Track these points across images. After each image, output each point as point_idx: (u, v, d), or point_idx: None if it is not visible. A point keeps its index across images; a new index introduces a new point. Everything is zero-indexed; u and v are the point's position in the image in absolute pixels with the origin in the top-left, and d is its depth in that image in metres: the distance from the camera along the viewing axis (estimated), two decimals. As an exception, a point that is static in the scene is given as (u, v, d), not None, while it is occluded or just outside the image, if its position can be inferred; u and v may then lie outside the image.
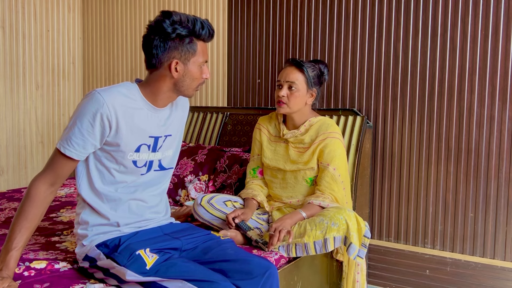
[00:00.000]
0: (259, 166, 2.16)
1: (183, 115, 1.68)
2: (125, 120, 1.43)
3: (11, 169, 3.17)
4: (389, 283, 2.49)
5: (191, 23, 1.44)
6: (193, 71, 1.49)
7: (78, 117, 1.40)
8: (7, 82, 3.12)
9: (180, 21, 1.43)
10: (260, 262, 1.46)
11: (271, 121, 2.15)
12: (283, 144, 2.07)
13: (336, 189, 1.95)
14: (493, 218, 2.24)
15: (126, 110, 1.44)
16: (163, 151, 1.57)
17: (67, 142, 1.40)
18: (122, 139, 1.44)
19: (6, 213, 2.25)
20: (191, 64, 1.48)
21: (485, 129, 2.23)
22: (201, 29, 1.46)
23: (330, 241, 1.78)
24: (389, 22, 2.42)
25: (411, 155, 2.41)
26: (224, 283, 1.30)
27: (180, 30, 1.42)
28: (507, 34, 2.16)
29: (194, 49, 1.46)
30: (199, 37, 1.47)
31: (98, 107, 1.38)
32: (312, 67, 2.01)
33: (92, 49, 3.57)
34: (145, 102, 1.49)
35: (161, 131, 1.55)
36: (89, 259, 1.46)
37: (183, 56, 1.46)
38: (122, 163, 1.47)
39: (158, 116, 1.53)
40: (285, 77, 1.99)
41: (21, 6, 3.18)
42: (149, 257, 1.38)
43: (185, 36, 1.44)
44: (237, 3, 2.89)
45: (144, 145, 1.50)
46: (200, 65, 1.49)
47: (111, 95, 1.41)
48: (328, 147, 1.96)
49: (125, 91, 1.46)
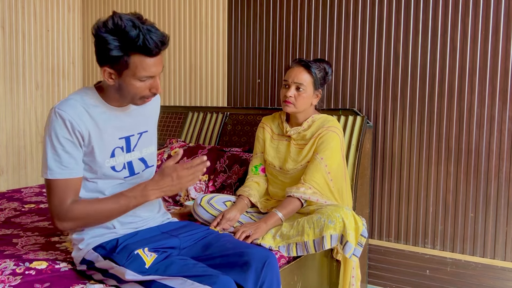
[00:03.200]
0: (262, 164, 2.17)
1: (153, 108, 1.60)
2: (91, 127, 1.40)
3: (11, 169, 3.17)
4: (389, 283, 2.49)
5: (126, 33, 1.27)
6: (129, 84, 1.35)
7: (53, 140, 1.35)
8: (7, 82, 3.12)
9: (114, 29, 1.28)
10: (258, 252, 1.46)
11: (274, 120, 2.18)
12: (285, 142, 2.09)
13: (317, 179, 1.93)
14: (493, 218, 2.24)
15: (89, 117, 1.40)
16: (141, 149, 1.53)
17: (58, 167, 1.36)
18: (95, 147, 1.41)
19: (6, 213, 2.25)
20: (125, 77, 1.34)
21: (485, 129, 2.23)
22: (139, 41, 1.27)
23: (327, 239, 1.77)
24: (389, 22, 2.42)
25: (411, 155, 2.41)
26: (223, 276, 1.29)
27: (108, 41, 1.28)
28: (507, 34, 2.16)
29: (126, 62, 1.31)
30: (135, 50, 1.29)
31: (66, 122, 1.35)
32: (319, 68, 2.03)
33: (92, 49, 3.55)
34: (104, 104, 1.44)
35: (131, 129, 1.50)
36: (86, 262, 1.45)
37: (115, 67, 1.33)
38: (101, 171, 1.43)
39: (122, 115, 1.48)
40: (293, 77, 2.00)
41: (21, 6, 3.18)
42: (148, 256, 1.38)
43: (111, 49, 1.28)
44: (237, 3, 2.89)
45: (118, 148, 1.46)
46: (139, 79, 1.34)
47: (71, 107, 1.37)
48: (322, 139, 1.98)
49: (80, 98, 1.40)
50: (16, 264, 1.49)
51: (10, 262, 1.50)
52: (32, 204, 2.47)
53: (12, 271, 1.44)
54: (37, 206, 2.42)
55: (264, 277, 1.42)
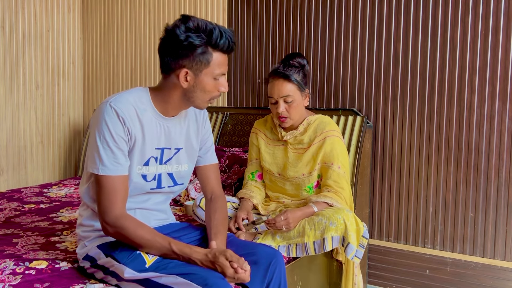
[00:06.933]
0: (258, 170, 2.14)
1: (198, 127, 1.61)
2: (138, 131, 1.40)
3: (11, 169, 3.17)
4: (389, 283, 2.49)
5: (208, 32, 1.34)
6: (205, 83, 1.40)
7: (106, 135, 1.34)
8: (7, 82, 3.12)
9: (196, 28, 1.34)
10: (266, 251, 1.47)
11: (267, 125, 2.13)
12: (282, 147, 2.06)
13: (345, 187, 1.94)
14: (493, 218, 2.24)
15: (138, 120, 1.40)
16: (172, 164, 1.52)
17: (111, 163, 1.34)
18: (135, 151, 1.40)
19: (6, 213, 2.25)
20: (203, 76, 1.38)
21: (485, 129, 2.23)
22: (218, 39, 1.35)
23: (328, 241, 1.77)
24: (389, 22, 2.42)
25: (411, 155, 2.41)
26: (213, 274, 1.29)
27: (193, 39, 1.33)
28: (507, 34, 2.16)
29: (207, 60, 1.37)
30: (216, 47, 1.37)
31: (120, 119, 1.35)
32: (295, 69, 1.95)
33: (92, 49, 3.57)
34: (153, 110, 1.44)
35: (169, 142, 1.49)
36: (89, 259, 1.46)
37: (195, 66, 1.37)
38: (131, 177, 1.41)
39: (165, 126, 1.47)
40: (277, 93, 1.93)
41: (21, 6, 3.18)
42: (149, 256, 1.38)
43: (198, 46, 1.34)
44: (237, 3, 2.89)
45: (152, 157, 1.46)
46: (214, 77, 1.40)
47: (125, 105, 1.37)
48: (329, 147, 1.96)
49: (133, 99, 1.40)
50: (16, 263, 1.49)
51: (10, 262, 1.50)
52: (32, 204, 2.47)
53: (12, 271, 1.44)
54: (37, 206, 2.42)
55: (271, 275, 1.42)
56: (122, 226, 1.34)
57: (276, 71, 1.95)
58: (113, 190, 1.35)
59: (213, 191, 1.66)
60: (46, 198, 2.62)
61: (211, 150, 1.68)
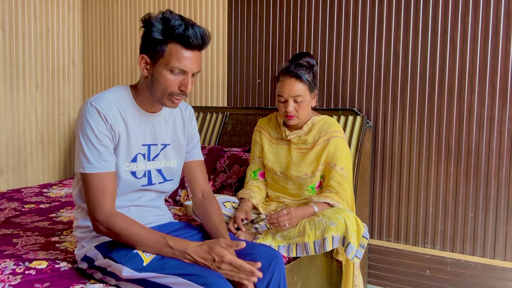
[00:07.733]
0: (260, 169, 2.14)
1: (184, 123, 1.61)
2: (121, 128, 1.41)
3: (11, 169, 3.17)
4: (389, 283, 2.49)
5: (169, 22, 1.34)
6: (159, 74, 1.37)
7: (89, 133, 1.35)
8: (7, 82, 3.12)
9: (165, 19, 1.35)
10: (266, 251, 1.47)
11: (271, 123, 2.13)
12: (285, 146, 2.05)
13: (347, 188, 1.94)
14: (493, 218, 2.24)
15: (121, 117, 1.41)
16: (160, 160, 1.53)
17: (97, 160, 1.35)
18: (120, 148, 1.41)
19: (6, 213, 2.25)
20: (159, 65, 1.37)
21: (485, 129, 2.23)
22: (177, 29, 1.34)
23: (328, 241, 1.77)
24: (389, 22, 2.42)
25: (411, 155, 2.41)
26: (213, 274, 1.28)
27: (156, 26, 1.35)
28: (507, 34, 2.16)
29: (162, 50, 1.35)
30: (173, 38, 1.35)
31: (102, 116, 1.36)
32: (306, 69, 1.95)
33: (92, 49, 3.57)
34: (135, 107, 1.45)
35: (155, 138, 1.50)
36: (87, 260, 1.46)
37: (151, 53, 1.37)
38: (119, 175, 1.42)
39: (150, 122, 1.48)
40: (288, 92, 1.92)
41: (21, 6, 3.18)
42: (147, 254, 1.38)
43: (154, 32, 1.35)
44: (237, 3, 2.89)
45: (140, 154, 1.47)
46: (170, 69, 1.37)
47: (106, 103, 1.38)
48: (332, 148, 1.96)
49: (114, 98, 1.41)
50: (16, 263, 1.49)
51: (10, 262, 1.50)
52: (32, 204, 2.47)
53: (12, 271, 1.44)
54: (37, 206, 2.42)
55: (271, 275, 1.43)
56: (114, 223, 1.34)
57: (288, 70, 1.95)
58: (101, 187, 1.35)
59: (203, 189, 1.66)
60: (46, 198, 2.62)
61: (197, 147, 1.68)
